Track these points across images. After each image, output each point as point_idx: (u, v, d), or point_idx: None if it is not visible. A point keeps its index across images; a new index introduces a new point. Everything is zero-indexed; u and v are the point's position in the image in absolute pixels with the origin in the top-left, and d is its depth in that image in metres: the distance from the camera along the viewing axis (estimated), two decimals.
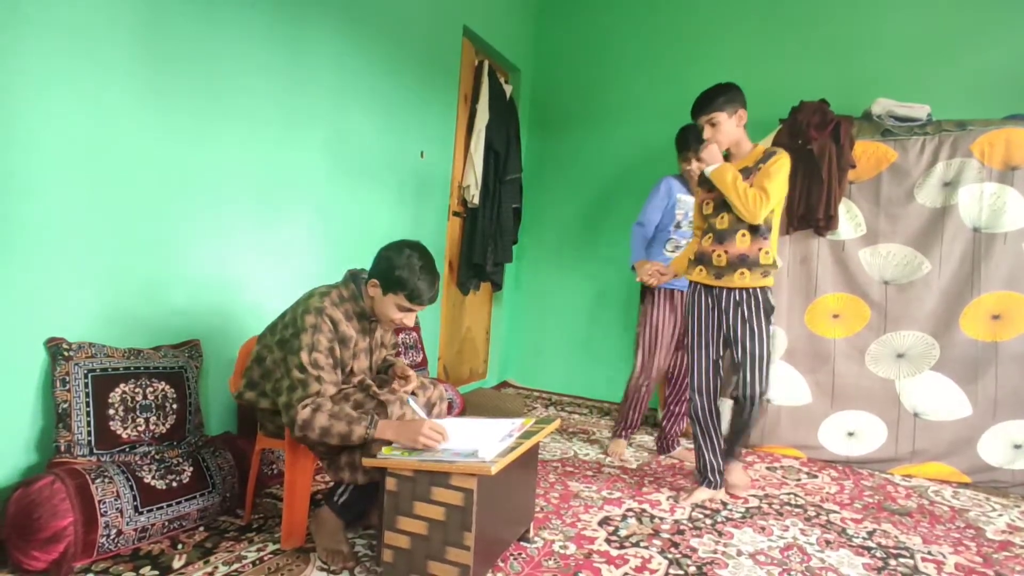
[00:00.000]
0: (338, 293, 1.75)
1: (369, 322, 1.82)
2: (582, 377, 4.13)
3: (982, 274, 2.71)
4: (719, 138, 2.22)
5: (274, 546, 1.76)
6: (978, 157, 2.71)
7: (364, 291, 1.76)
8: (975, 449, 2.71)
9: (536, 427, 1.80)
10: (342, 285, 1.78)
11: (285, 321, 1.73)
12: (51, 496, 1.50)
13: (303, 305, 1.70)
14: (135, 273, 1.94)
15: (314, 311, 1.67)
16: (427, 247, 1.78)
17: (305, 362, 1.62)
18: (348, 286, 1.78)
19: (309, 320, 1.65)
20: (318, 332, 1.65)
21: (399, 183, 3.11)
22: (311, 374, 1.61)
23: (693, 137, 2.54)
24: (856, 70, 3.33)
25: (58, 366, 1.69)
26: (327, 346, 1.66)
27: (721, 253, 2.24)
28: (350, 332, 1.74)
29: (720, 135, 2.21)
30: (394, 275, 1.68)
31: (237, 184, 2.24)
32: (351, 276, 1.80)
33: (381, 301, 1.73)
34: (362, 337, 1.81)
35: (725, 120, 2.20)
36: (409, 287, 1.68)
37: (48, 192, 1.69)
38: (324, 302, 1.69)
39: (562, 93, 4.19)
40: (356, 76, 2.76)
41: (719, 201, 2.24)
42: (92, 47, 1.76)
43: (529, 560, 1.78)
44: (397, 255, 1.70)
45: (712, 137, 2.22)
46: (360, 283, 1.78)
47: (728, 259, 2.22)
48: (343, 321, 1.71)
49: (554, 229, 4.21)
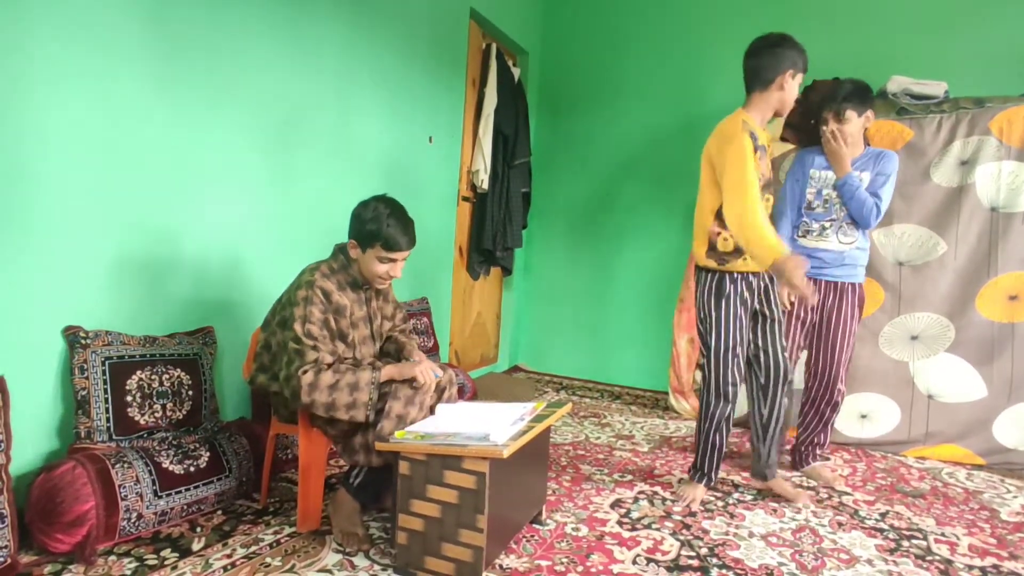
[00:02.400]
0: (328, 265, 1.79)
1: (363, 290, 1.85)
2: (593, 361, 4.13)
3: (999, 254, 2.67)
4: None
5: (290, 529, 1.79)
6: (996, 135, 2.65)
7: (352, 258, 1.80)
8: (990, 431, 2.69)
9: (547, 411, 1.81)
10: (331, 258, 1.83)
11: (282, 302, 1.77)
12: (73, 481, 1.54)
13: (295, 282, 1.76)
14: (149, 261, 1.96)
15: (305, 285, 1.71)
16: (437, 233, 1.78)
17: (299, 333, 1.66)
18: (337, 258, 1.82)
19: (301, 294, 1.70)
20: (310, 304, 1.68)
21: (408, 168, 3.10)
22: (306, 344, 1.65)
23: (847, 93, 2.27)
24: (871, 47, 3.26)
25: (76, 354, 1.71)
26: (320, 317, 1.69)
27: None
28: (344, 301, 1.77)
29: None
30: (366, 229, 1.72)
31: (245, 171, 2.25)
32: (339, 249, 1.84)
33: (363, 259, 1.77)
34: (358, 306, 1.84)
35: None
36: (382, 236, 1.71)
37: (60, 183, 1.71)
38: (315, 275, 1.73)
39: (571, 76, 4.15)
40: (363, 62, 2.74)
41: (766, 181, 2.03)
42: (102, 38, 1.76)
43: (542, 542, 1.80)
44: (364, 209, 1.75)
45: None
46: (347, 251, 1.81)
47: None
48: (335, 291, 1.75)
49: (563, 213, 4.19)
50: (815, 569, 1.73)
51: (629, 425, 3.11)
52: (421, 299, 3.20)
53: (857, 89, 2.26)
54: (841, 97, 2.26)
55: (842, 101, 2.25)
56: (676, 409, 3.40)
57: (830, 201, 2.33)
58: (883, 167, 2.28)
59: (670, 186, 3.78)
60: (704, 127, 3.65)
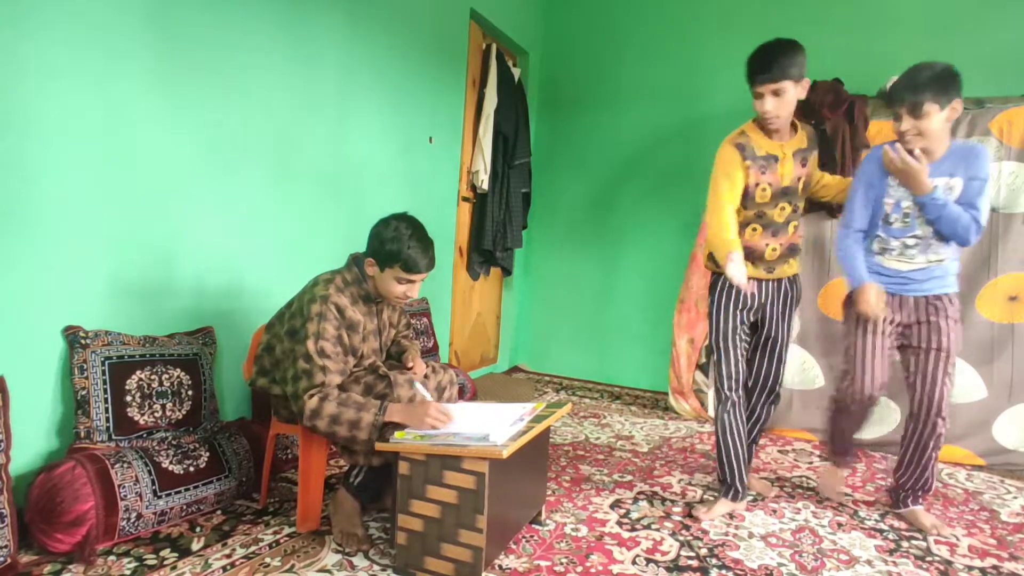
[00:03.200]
0: (342, 278, 1.76)
1: (375, 303, 1.83)
2: (593, 361, 4.13)
3: (999, 255, 2.67)
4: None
5: (290, 529, 1.79)
6: (996, 135, 2.66)
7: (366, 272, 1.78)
8: (990, 432, 2.69)
9: (547, 411, 1.81)
10: (345, 270, 1.79)
11: (292, 310, 1.74)
12: (72, 481, 1.54)
13: (308, 294, 1.71)
14: (148, 261, 1.96)
15: (319, 299, 1.67)
16: (437, 233, 1.78)
17: (311, 351, 1.63)
18: (351, 270, 1.79)
19: (315, 309, 1.66)
20: (324, 320, 1.65)
21: (408, 168, 3.10)
22: (316, 364, 1.62)
23: (916, 83, 1.79)
24: (871, 48, 3.26)
25: (76, 354, 1.71)
26: (334, 334, 1.66)
27: (776, 247, 1.98)
28: (357, 316, 1.74)
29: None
30: (385, 249, 1.69)
31: (247, 170, 2.25)
32: (353, 260, 1.81)
33: (381, 278, 1.74)
34: (370, 320, 1.82)
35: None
36: (402, 258, 1.68)
37: (59, 183, 1.71)
38: (329, 289, 1.70)
39: (571, 76, 4.15)
40: (363, 62, 2.74)
41: (779, 190, 1.93)
42: (101, 35, 1.76)
43: (541, 542, 1.80)
44: (385, 228, 1.71)
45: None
46: (362, 265, 1.79)
47: (781, 252, 2.00)
48: (349, 307, 1.72)
49: (563, 214, 4.19)
50: (815, 570, 1.72)
51: (629, 425, 3.11)
52: (421, 299, 3.20)
53: (938, 75, 1.77)
54: (918, 86, 1.77)
55: (919, 91, 1.76)
56: (676, 410, 3.40)
57: (911, 215, 1.88)
58: (977, 169, 1.82)
59: (670, 186, 3.78)
60: (704, 126, 3.69)
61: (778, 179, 1.95)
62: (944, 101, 1.76)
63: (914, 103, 1.77)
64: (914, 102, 1.77)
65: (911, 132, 1.80)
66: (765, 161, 1.93)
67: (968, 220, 1.81)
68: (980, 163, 1.83)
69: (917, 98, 1.77)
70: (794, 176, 1.96)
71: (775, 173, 1.94)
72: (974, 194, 1.82)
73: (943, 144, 1.85)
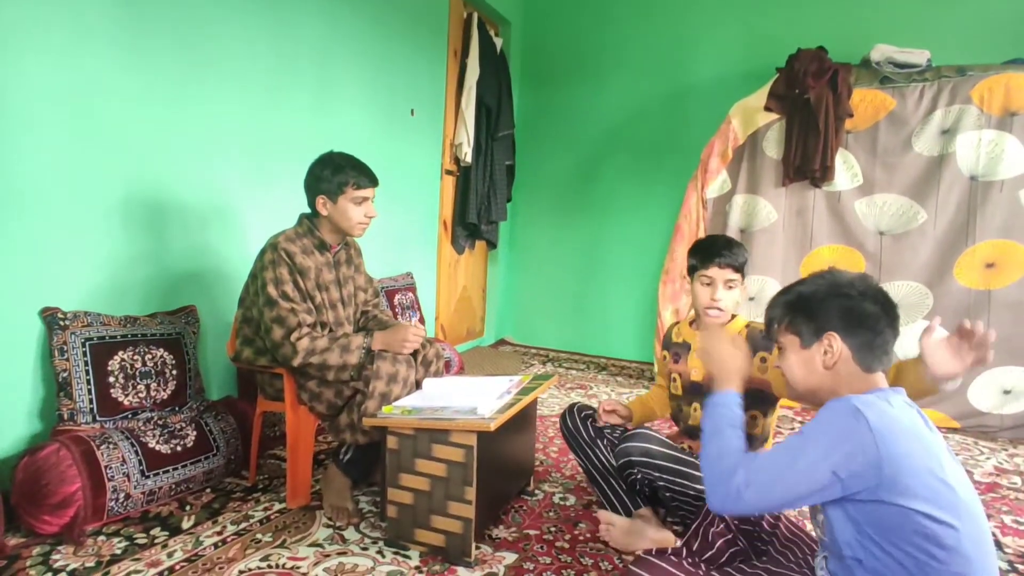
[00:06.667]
0: (293, 231, 1.81)
1: (332, 252, 1.85)
2: (578, 333, 4.16)
3: (978, 223, 2.70)
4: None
5: (280, 505, 1.80)
6: (977, 103, 2.67)
7: (318, 221, 1.81)
8: (965, 395, 2.76)
9: (534, 383, 1.82)
10: (296, 225, 1.84)
11: (253, 271, 1.79)
12: (58, 463, 1.52)
13: (261, 249, 1.77)
14: (126, 241, 1.92)
15: (270, 248, 1.73)
16: (421, 207, 1.76)
17: (274, 295, 1.68)
18: (302, 223, 1.84)
19: (267, 257, 1.72)
20: (277, 266, 1.70)
21: (389, 141, 3.05)
22: (283, 306, 1.68)
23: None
24: (855, 16, 3.24)
25: (55, 335, 1.69)
26: (289, 278, 1.71)
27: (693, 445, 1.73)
28: (308, 263, 1.77)
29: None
30: (331, 179, 1.74)
31: (224, 146, 2.20)
32: (303, 216, 1.86)
33: (337, 211, 1.77)
34: (327, 269, 1.84)
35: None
36: (347, 175, 1.74)
37: (32, 163, 1.66)
38: (279, 239, 1.75)
39: (554, 45, 4.09)
40: (342, 33, 2.67)
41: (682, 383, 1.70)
42: (69, 11, 1.69)
43: (530, 512, 1.82)
44: (319, 165, 1.77)
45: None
46: (312, 218, 1.83)
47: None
48: (299, 253, 1.75)
49: (548, 186, 4.17)
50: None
51: (615, 396, 3.15)
52: (406, 274, 3.19)
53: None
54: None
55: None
56: None
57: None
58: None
59: (655, 157, 3.77)
60: (688, 96, 3.66)
61: (690, 372, 1.72)
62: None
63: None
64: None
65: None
66: (682, 350, 1.73)
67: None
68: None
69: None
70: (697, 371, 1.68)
71: (687, 365, 1.72)
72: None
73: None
